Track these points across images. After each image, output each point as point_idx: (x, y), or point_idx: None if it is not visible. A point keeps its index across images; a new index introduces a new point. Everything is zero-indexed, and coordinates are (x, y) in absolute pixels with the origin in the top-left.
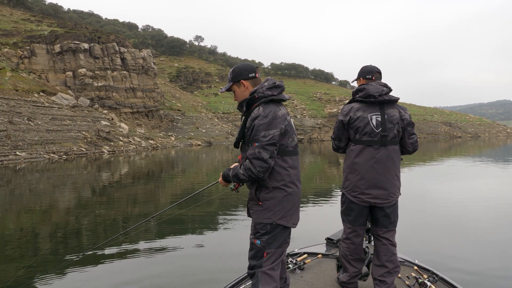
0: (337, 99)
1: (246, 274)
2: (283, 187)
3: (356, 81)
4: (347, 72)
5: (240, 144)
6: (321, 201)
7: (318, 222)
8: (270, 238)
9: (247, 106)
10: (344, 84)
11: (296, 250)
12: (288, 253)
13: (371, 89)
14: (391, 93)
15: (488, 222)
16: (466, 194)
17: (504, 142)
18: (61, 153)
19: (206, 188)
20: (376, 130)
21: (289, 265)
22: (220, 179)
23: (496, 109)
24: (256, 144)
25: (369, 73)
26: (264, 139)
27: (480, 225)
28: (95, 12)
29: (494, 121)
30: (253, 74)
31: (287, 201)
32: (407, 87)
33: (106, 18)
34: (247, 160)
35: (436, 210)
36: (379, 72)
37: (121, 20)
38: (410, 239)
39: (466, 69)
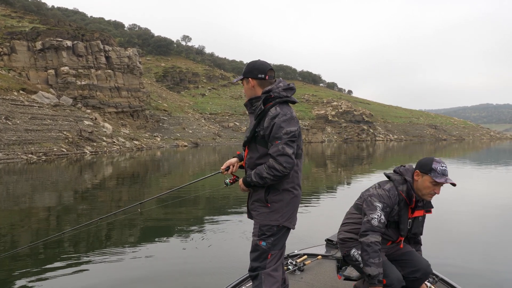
0: (325, 101)
1: (246, 275)
2: (291, 189)
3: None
4: (335, 74)
5: (248, 144)
6: (321, 202)
7: (318, 223)
8: (275, 239)
9: (263, 104)
10: (331, 86)
11: (296, 251)
12: (288, 254)
13: None
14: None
15: (480, 224)
16: (454, 196)
17: (487, 145)
18: (40, 153)
19: (205, 178)
20: None
21: (289, 266)
22: (242, 185)
23: (479, 112)
24: (278, 141)
25: None
26: (287, 136)
27: (473, 226)
28: (80, 10)
29: (478, 124)
30: (262, 76)
31: (293, 203)
32: (395, 90)
33: (91, 16)
34: (271, 159)
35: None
36: None
37: (107, 19)
38: None
39: (450, 73)
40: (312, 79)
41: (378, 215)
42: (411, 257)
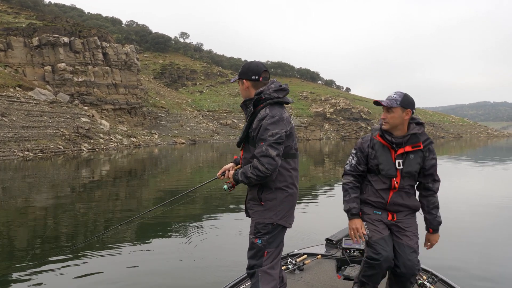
0: (323, 98)
1: (245, 274)
2: (285, 188)
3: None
4: (334, 73)
5: (243, 145)
6: (320, 201)
7: (318, 223)
8: (270, 237)
9: (253, 106)
10: (330, 83)
11: (295, 250)
12: (287, 254)
13: None
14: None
15: (478, 222)
16: (453, 195)
17: (485, 143)
18: (37, 150)
19: (206, 183)
20: None
21: (289, 266)
22: (232, 181)
23: (477, 110)
24: (263, 143)
25: None
26: (272, 138)
27: (472, 225)
28: (78, 6)
29: (475, 122)
30: (256, 77)
31: (288, 201)
32: (393, 89)
33: (88, 13)
34: (255, 159)
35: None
36: None
37: (104, 15)
38: None
39: (448, 72)
40: (310, 76)
41: (350, 160)
42: (399, 251)
